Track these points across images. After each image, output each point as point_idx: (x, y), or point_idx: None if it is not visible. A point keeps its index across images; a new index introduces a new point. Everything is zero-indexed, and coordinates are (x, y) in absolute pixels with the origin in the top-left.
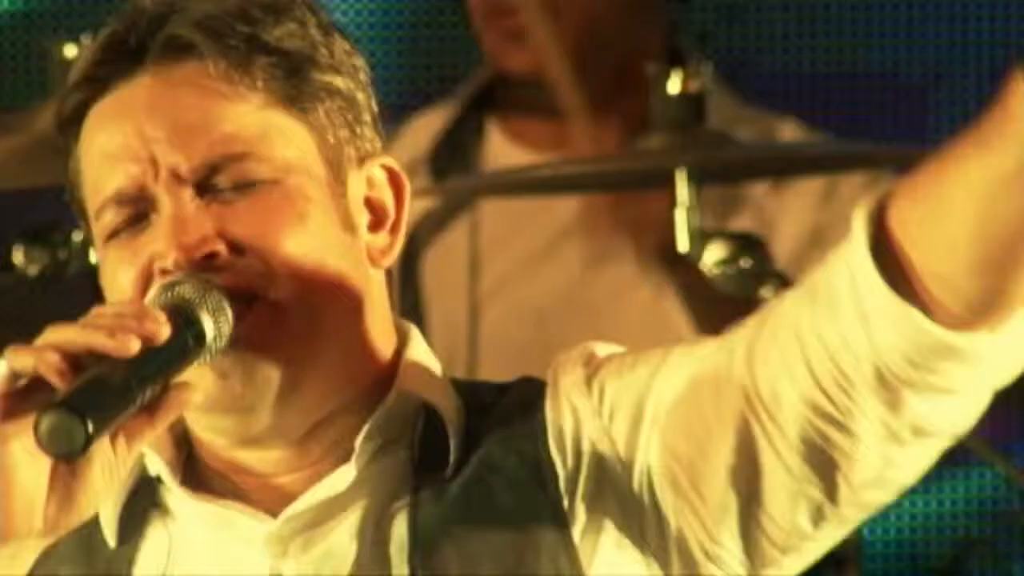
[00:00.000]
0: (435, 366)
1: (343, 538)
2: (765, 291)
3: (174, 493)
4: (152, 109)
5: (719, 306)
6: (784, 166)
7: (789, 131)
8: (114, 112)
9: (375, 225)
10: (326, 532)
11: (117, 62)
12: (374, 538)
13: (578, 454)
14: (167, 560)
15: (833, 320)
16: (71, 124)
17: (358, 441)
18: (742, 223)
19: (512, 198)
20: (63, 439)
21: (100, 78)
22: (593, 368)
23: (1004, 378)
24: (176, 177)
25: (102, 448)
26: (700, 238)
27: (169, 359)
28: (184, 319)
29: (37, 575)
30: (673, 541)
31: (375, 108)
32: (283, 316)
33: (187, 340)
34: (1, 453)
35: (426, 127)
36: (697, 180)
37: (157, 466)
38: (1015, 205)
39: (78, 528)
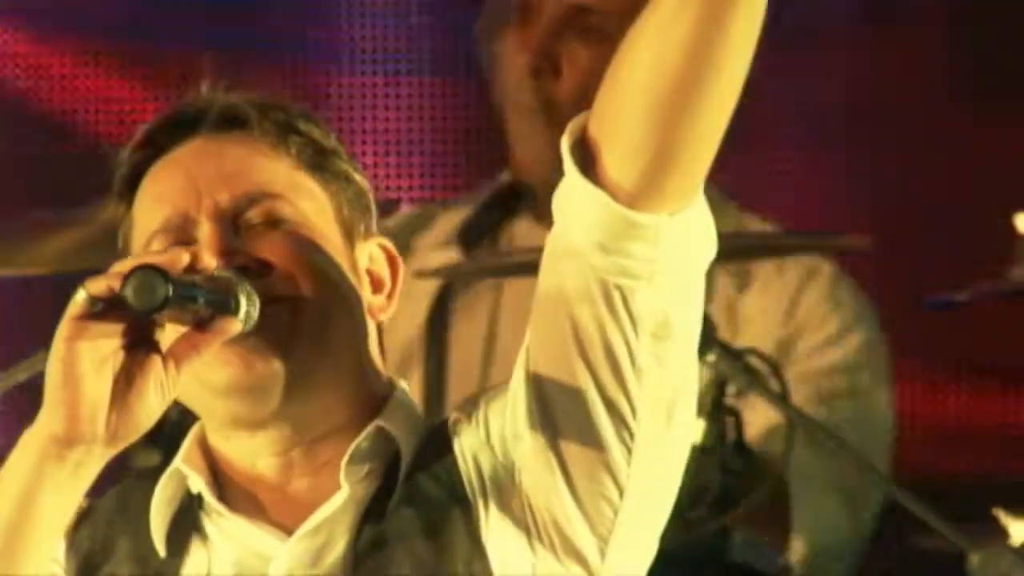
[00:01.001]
0: (415, 413)
1: (338, 555)
2: (710, 354)
3: (211, 513)
4: (201, 157)
5: None
6: (752, 251)
7: (755, 223)
8: (166, 167)
9: (374, 292)
10: (328, 551)
11: (174, 130)
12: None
13: (471, 470)
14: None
15: (560, 229)
16: (128, 185)
17: (343, 462)
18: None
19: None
20: (147, 294)
21: (158, 143)
22: (473, 404)
23: (687, 265)
24: (217, 207)
25: (155, 368)
26: None
27: (215, 300)
28: (225, 290)
29: (95, 543)
30: (546, 521)
31: (376, 219)
32: (300, 315)
33: (228, 300)
34: (73, 365)
35: (459, 213)
36: None
37: (198, 484)
38: (676, 45)
39: (133, 532)
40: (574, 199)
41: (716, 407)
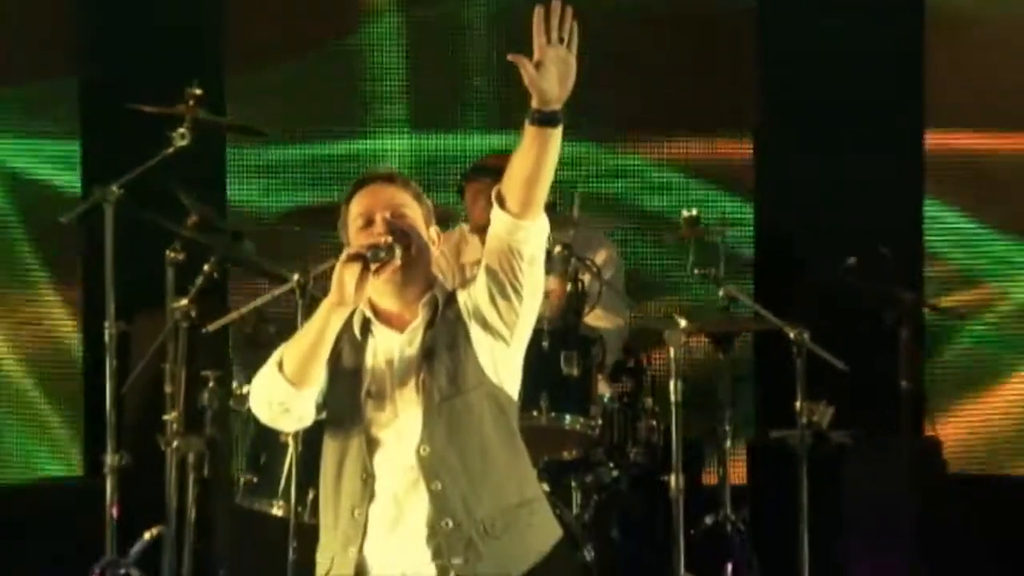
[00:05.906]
0: (445, 287)
1: (417, 342)
2: (573, 260)
3: (374, 324)
4: (377, 190)
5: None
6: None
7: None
8: (363, 193)
9: (433, 245)
10: (415, 340)
11: (366, 180)
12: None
13: (464, 307)
14: (375, 352)
15: (492, 226)
16: (348, 198)
17: (420, 306)
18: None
19: None
20: (375, 256)
21: (362, 183)
22: (465, 283)
23: (541, 239)
24: (384, 209)
25: (369, 277)
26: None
27: (391, 254)
28: (391, 250)
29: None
30: (490, 324)
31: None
32: (411, 256)
33: (393, 253)
34: (342, 277)
35: None
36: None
37: (369, 314)
38: (527, 162)
39: (348, 330)
40: (496, 216)
41: (573, 282)
